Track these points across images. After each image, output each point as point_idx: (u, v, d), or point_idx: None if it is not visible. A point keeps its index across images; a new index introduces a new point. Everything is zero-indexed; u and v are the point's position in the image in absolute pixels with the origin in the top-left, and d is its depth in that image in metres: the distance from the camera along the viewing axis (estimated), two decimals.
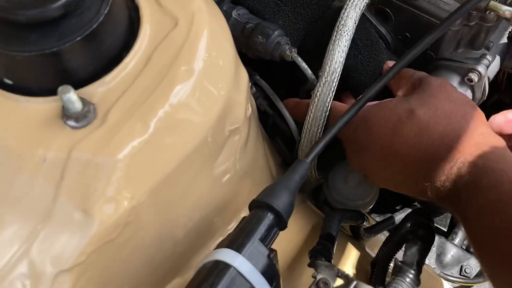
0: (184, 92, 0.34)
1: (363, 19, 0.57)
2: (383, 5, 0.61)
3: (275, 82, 0.61)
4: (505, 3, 0.55)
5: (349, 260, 0.54)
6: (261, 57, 0.54)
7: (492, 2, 0.52)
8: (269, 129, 0.67)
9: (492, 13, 0.54)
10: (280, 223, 0.40)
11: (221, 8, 0.54)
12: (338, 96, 0.59)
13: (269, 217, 0.39)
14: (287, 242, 0.53)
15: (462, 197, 0.41)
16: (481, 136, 0.44)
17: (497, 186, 0.40)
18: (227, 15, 0.53)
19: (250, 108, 0.45)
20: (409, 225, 0.44)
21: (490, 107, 0.92)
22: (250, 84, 0.57)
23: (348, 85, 0.57)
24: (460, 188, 0.42)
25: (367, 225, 0.63)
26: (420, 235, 0.42)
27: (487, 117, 0.97)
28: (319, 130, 0.53)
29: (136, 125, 0.32)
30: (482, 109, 0.95)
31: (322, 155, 0.59)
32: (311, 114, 0.52)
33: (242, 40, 0.53)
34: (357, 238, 0.68)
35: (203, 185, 0.42)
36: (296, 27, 0.60)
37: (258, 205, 0.40)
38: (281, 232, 0.40)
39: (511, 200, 0.38)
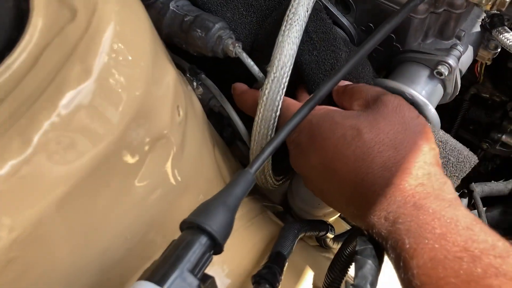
0: (79, 97, 0.28)
1: (318, 9, 0.51)
2: None
3: (226, 80, 0.55)
4: None
5: (307, 278, 0.48)
6: (204, 54, 0.48)
7: None
8: (224, 133, 0.61)
9: None
10: (215, 247, 0.34)
11: (157, 0, 0.48)
12: (293, 92, 0.53)
13: (200, 242, 0.33)
14: (238, 262, 0.47)
15: (398, 239, 0.36)
16: (427, 176, 0.38)
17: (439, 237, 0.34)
18: (165, 7, 0.47)
19: (181, 112, 0.39)
20: (354, 245, 0.38)
21: (468, 101, 0.87)
22: (196, 84, 0.51)
23: (303, 82, 0.52)
24: (396, 229, 0.36)
25: (333, 235, 0.58)
26: (369, 254, 0.36)
27: (467, 111, 0.92)
28: (270, 133, 0.47)
29: (14, 141, 0.26)
30: (459, 104, 0.90)
31: (283, 157, 0.54)
32: (260, 115, 0.46)
33: (182, 35, 0.47)
34: (325, 247, 0.62)
35: (125, 205, 0.36)
36: (248, 20, 0.54)
37: (189, 227, 0.34)
38: (232, 250, 0.34)
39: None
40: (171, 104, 0.37)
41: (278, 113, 0.46)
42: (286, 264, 0.42)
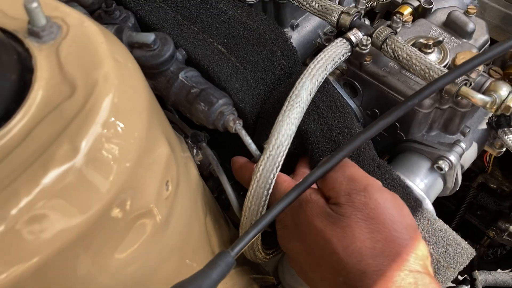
0: (64, 174, 0.29)
1: (327, 81, 0.52)
2: (351, 77, 0.56)
3: (228, 148, 0.55)
4: (479, 90, 0.50)
5: None
6: (205, 126, 0.49)
7: (464, 88, 0.47)
8: (221, 197, 0.61)
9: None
10: None
11: (168, 69, 0.49)
12: (293, 163, 0.54)
13: None
14: None
15: None
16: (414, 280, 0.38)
17: None
18: (174, 76, 0.49)
19: (170, 187, 0.39)
20: None
21: (476, 189, 0.85)
22: (196, 151, 0.52)
23: (305, 152, 0.52)
24: None
25: None
26: None
27: (474, 198, 0.90)
28: (261, 210, 0.47)
29: None
30: (466, 190, 0.88)
31: (275, 230, 0.53)
32: (252, 191, 0.47)
33: (186, 105, 0.48)
34: None
35: (101, 276, 0.36)
36: (256, 91, 0.55)
37: None
38: None
39: None
40: (160, 179, 0.37)
41: (270, 191, 0.47)
42: None
